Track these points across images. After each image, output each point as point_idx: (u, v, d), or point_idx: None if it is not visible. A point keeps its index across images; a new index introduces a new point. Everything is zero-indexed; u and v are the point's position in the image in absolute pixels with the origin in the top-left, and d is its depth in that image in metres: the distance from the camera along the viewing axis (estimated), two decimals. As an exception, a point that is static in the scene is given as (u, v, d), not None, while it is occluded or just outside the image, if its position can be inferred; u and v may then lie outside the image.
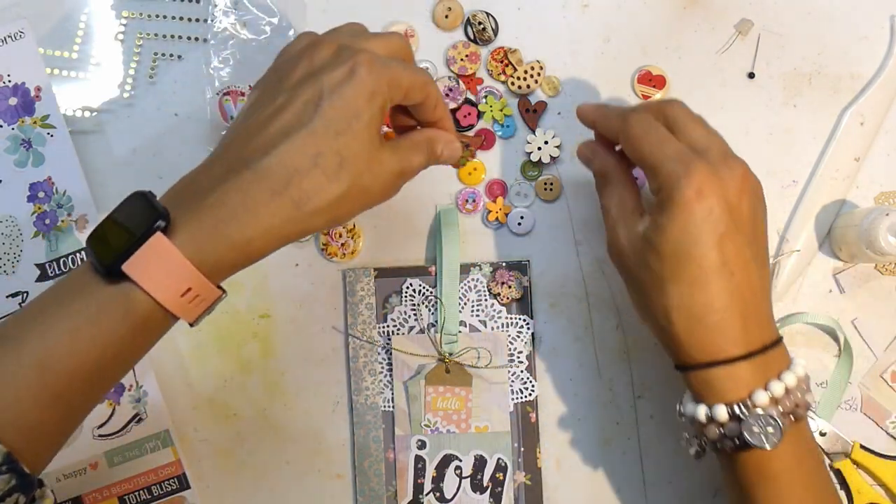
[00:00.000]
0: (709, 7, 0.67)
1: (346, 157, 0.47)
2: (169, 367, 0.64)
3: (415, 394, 0.63)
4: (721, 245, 0.50)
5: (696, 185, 0.49)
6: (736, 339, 0.50)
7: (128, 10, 0.65)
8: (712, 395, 0.51)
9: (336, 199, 0.47)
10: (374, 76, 0.47)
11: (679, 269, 0.50)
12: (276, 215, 0.46)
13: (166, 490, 0.63)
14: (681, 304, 0.50)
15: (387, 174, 0.50)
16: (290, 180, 0.46)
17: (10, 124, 0.63)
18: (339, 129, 0.46)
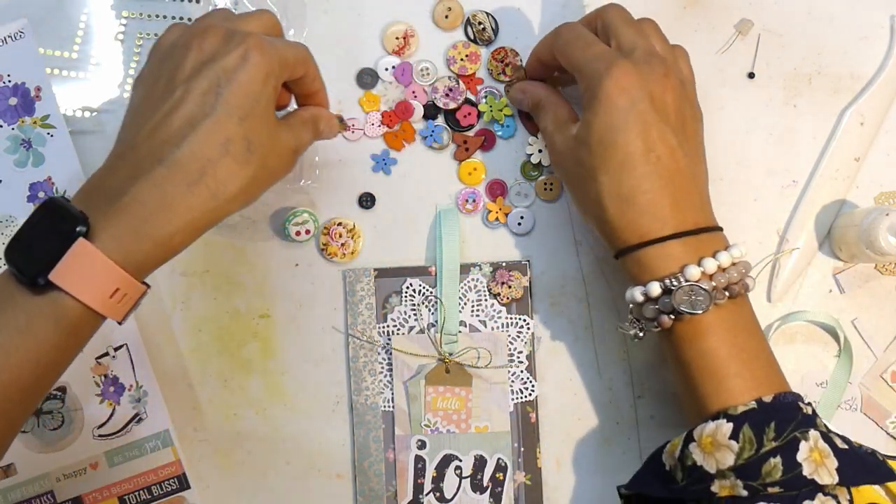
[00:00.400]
0: (709, 7, 0.67)
1: (253, 141, 0.48)
2: (169, 367, 0.64)
3: (415, 394, 0.63)
4: (645, 133, 0.53)
5: (615, 80, 0.53)
6: (665, 219, 0.53)
7: (128, 10, 0.65)
8: (646, 272, 0.53)
9: (248, 182, 0.48)
10: (267, 58, 0.48)
11: (607, 158, 0.53)
12: (194, 207, 0.46)
13: (166, 490, 0.63)
14: (611, 189, 0.53)
15: (286, 152, 0.52)
16: (203, 170, 0.46)
17: (10, 124, 0.63)
18: (242, 115, 0.47)
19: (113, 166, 0.48)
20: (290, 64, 0.51)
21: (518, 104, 0.64)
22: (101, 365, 0.63)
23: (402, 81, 0.66)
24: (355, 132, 0.65)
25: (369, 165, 0.66)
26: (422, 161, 0.66)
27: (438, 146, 0.66)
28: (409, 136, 0.66)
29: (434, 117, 0.66)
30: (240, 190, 0.48)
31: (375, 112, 0.66)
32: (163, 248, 0.46)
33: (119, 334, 0.63)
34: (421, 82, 0.66)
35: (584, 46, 0.56)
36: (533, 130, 0.66)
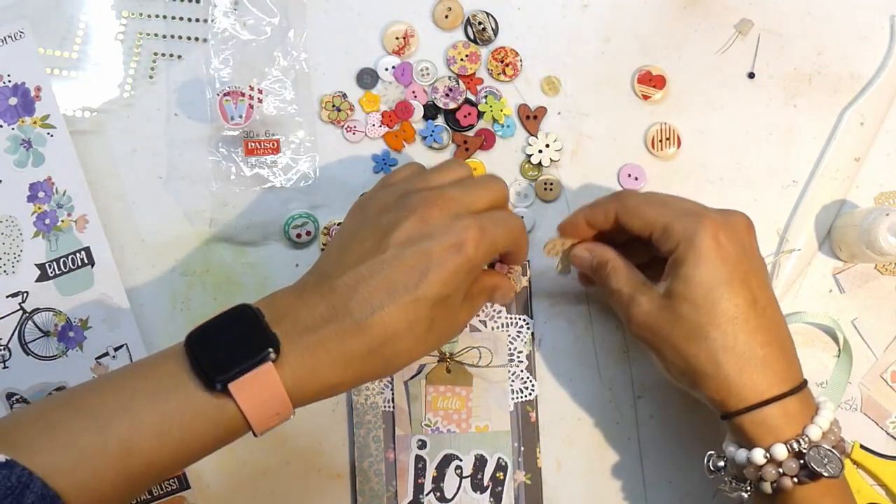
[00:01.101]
0: (709, 7, 0.67)
1: (436, 322, 0.50)
2: (169, 367, 0.64)
3: (415, 393, 0.63)
4: (747, 283, 0.52)
5: (711, 233, 0.52)
6: (782, 374, 0.51)
7: (128, 10, 0.65)
8: (768, 434, 0.51)
9: (419, 356, 0.52)
10: (480, 251, 0.50)
11: (716, 311, 0.51)
12: (366, 369, 0.50)
13: (166, 490, 0.63)
14: (726, 344, 0.51)
15: (460, 326, 0.56)
16: (385, 342, 0.49)
17: (10, 124, 0.63)
18: (437, 300, 0.49)
19: (309, 298, 0.50)
20: (500, 248, 0.53)
21: (581, 264, 0.59)
22: (101, 365, 0.63)
23: (402, 81, 0.66)
24: (356, 133, 0.65)
25: (370, 166, 0.66)
26: (422, 161, 0.66)
27: (438, 146, 0.66)
28: (410, 136, 0.66)
29: (434, 117, 0.66)
30: (410, 360, 0.52)
31: (375, 112, 0.66)
32: (328, 391, 0.50)
33: (119, 334, 0.63)
34: (421, 82, 0.66)
35: (662, 205, 0.54)
36: (534, 131, 0.66)
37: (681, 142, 0.66)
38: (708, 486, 0.64)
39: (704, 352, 0.51)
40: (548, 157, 0.65)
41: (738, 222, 0.54)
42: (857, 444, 0.63)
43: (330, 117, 0.65)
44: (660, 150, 0.66)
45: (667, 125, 0.66)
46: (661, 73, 0.66)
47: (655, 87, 0.66)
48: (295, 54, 0.65)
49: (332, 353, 0.48)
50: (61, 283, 0.63)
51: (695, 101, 0.67)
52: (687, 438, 0.65)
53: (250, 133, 0.64)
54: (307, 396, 0.49)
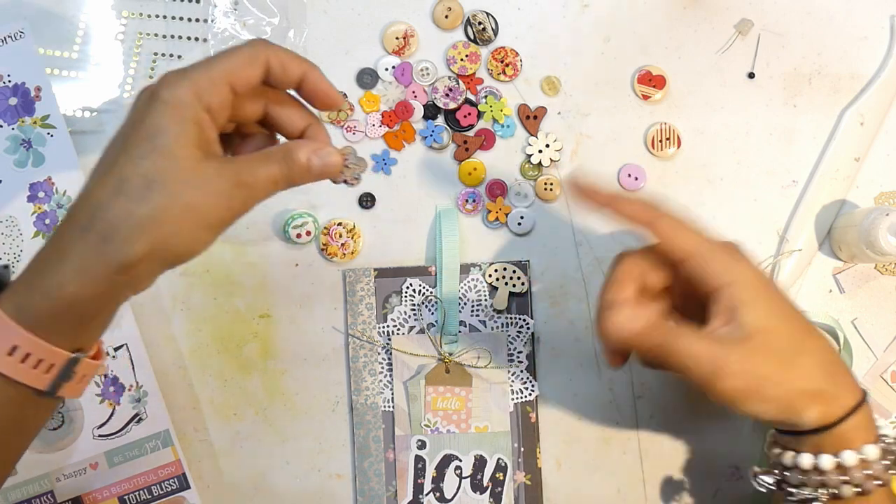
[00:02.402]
0: (709, 7, 0.67)
1: (155, 178, 0.44)
2: (169, 367, 0.64)
3: (415, 394, 0.63)
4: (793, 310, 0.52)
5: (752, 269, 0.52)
6: (854, 386, 0.52)
7: (128, 10, 0.65)
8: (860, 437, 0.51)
9: (147, 220, 0.44)
10: (174, 90, 0.45)
11: (797, 334, 0.51)
12: (85, 254, 0.43)
13: (166, 490, 0.63)
14: (817, 360, 0.51)
15: (217, 185, 0.45)
16: (94, 214, 0.44)
17: (10, 124, 0.63)
18: (143, 153, 0.44)
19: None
20: (219, 81, 0.46)
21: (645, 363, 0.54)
22: (101, 365, 0.63)
23: (402, 81, 0.66)
24: (356, 133, 0.65)
25: (369, 165, 0.66)
26: (422, 161, 0.66)
27: (438, 146, 0.66)
28: (409, 136, 0.66)
29: (434, 117, 0.66)
30: (136, 229, 0.43)
31: (375, 112, 0.66)
32: (58, 301, 0.44)
33: (119, 334, 0.63)
34: (421, 82, 0.66)
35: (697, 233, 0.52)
36: (534, 131, 0.66)
37: (681, 142, 0.66)
38: (708, 486, 0.64)
39: (804, 372, 0.51)
40: (548, 157, 0.65)
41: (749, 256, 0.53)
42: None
43: (330, 117, 0.65)
44: (660, 150, 0.66)
45: (667, 125, 0.66)
46: (661, 73, 0.66)
47: (655, 87, 0.66)
48: (295, 54, 0.65)
49: (45, 256, 0.44)
50: (61, 283, 0.63)
51: (695, 101, 0.67)
52: (687, 438, 0.65)
53: None
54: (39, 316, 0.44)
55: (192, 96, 0.45)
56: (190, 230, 0.45)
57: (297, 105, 0.50)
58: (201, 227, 0.46)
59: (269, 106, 0.50)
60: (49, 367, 0.45)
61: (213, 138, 0.46)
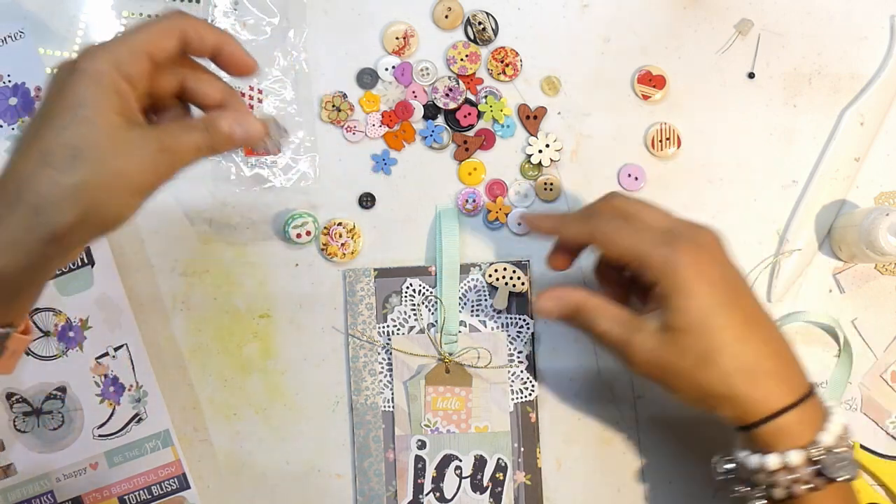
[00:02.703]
0: (709, 7, 0.67)
1: (80, 147, 0.44)
2: (169, 367, 0.64)
3: (415, 394, 0.63)
4: (738, 301, 0.52)
5: (690, 259, 0.51)
6: (792, 382, 0.51)
7: (128, 10, 0.65)
8: (783, 442, 0.50)
9: (76, 188, 0.44)
10: (94, 61, 0.45)
11: (719, 337, 0.51)
12: (15, 227, 0.44)
13: (166, 490, 0.63)
14: (737, 365, 0.51)
15: (143, 151, 0.46)
16: (20, 187, 0.44)
17: (10, 124, 0.63)
18: (66, 123, 0.45)
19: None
20: (138, 51, 0.46)
21: (549, 316, 0.56)
22: (101, 365, 0.63)
23: (402, 81, 0.66)
24: (356, 133, 0.65)
25: (369, 165, 0.66)
26: (422, 161, 0.66)
27: (438, 146, 0.66)
28: (409, 136, 0.66)
29: (434, 117, 0.66)
30: (67, 198, 0.44)
31: (375, 112, 0.66)
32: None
33: (119, 334, 0.63)
34: (421, 82, 0.66)
35: (634, 233, 0.53)
36: (534, 131, 0.66)
37: (681, 142, 0.66)
38: (708, 486, 0.64)
39: (716, 377, 0.51)
40: (548, 157, 0.65)
41: (710, 241, 0.53)
42: (857, 444, 0.63)
43: (330, 117, 0.65)
44: (660, 150, 0.66)
45: (667, 125, 0.66)
46: (661, 73, 0.66)
47: (655, 87, 0.66)
48: (295, 54, 0.65)
49: None
50: (61, 282, 0.63)
51: (695, 101, 0.67)
52: (687, 438, 0.65)
53: None
54: None
55: (111, 66, 0.45)
56: (119, 196, 0.46)
57: (214, 78, 0.51)
58: (129, 192, 0.46)
59: (186, 78, 0.50)
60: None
61: (134, 107, 0.47)
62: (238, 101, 0.51)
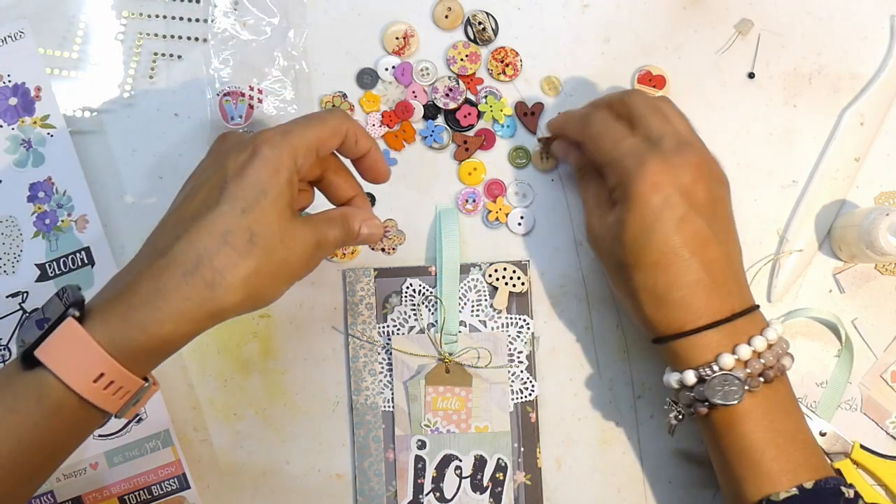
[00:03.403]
0: (709, 7, 0.67)
1: (257, 233, 0.47)
2: (169, 367, 0.64)
3: (415, 394, 0.63)
4: (679, 230, 0.52)
5: (649, 178, 0.52)
6: (700, 311, 0.53)
7: (128, 10, 0.65)
8: (682, 362, 0.54)
9: (250, 273, 0.47)
10: (276, 151, 0.48)
11: (640, 256, 0.53)
12: (188, 297, 0.46)
13: (166, 490, 0.63)
14: (645, 286, 0.53)
15: (303, 246, 0.50)
16: (199, 261, 0.46)
17: (10, 124, 0.63)
18: (245, 206, 0.47)
19: (129, 264, 0.49)
20: (312, 147, 0.50)
21: (560, 158, 0.64)
22: (101, 365, 0.63)
23: (402, 81, 0.66)
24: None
25: (369, 165, 0.66)
26: (422, 161, 0.66)
27: (438, 146, 0.66)
28: (409, 136, 0.66)
29: (434, 117, 0.66)
30: (240, 280, 0.47)
31: (375, 112, 0.66)
32: (153, 337, 0.46)
33: (119, 334, 0.63)
34: (421, 82, 0.66)
35: (615, 140, 0.55)
36: (532, 128, 0.66)
37: (681, 142, 0.66)
38: (708, 486, 0.64)
39: (627, 288, 0.55)
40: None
41: (685, 163, 0.53)
42: (857, 444, 0.63)
43: (330, 117, 0.65)
44: (660, 150, 0.66)
45: (667, 125, 0.66)
46: (661, 73, 0.66)
47: (655, 87, 0.66)
48: (295, 54, 0.65)
49: (143, 294, 0.46)
50: (61, 283, 0.63)
51: (695, 101, 0.67)
52: (687, 438, 0.65)
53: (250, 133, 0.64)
54: (133, 348, 0.46)
55: (291, 159, 0.49)
56: (278, 284, 0.50)
57: (350, 175, 0.56)
58: (286, 281, 0.50)
59: (328, 171, 0.55)
60: (125, 394, 0.47)
61: (296, 197, 0.50)
62: (365, 200, 0.57)
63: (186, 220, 0.48)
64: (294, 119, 0.52)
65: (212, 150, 0.53)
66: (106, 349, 0.45)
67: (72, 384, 0.45)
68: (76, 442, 0.48)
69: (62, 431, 0.46)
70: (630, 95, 0.57)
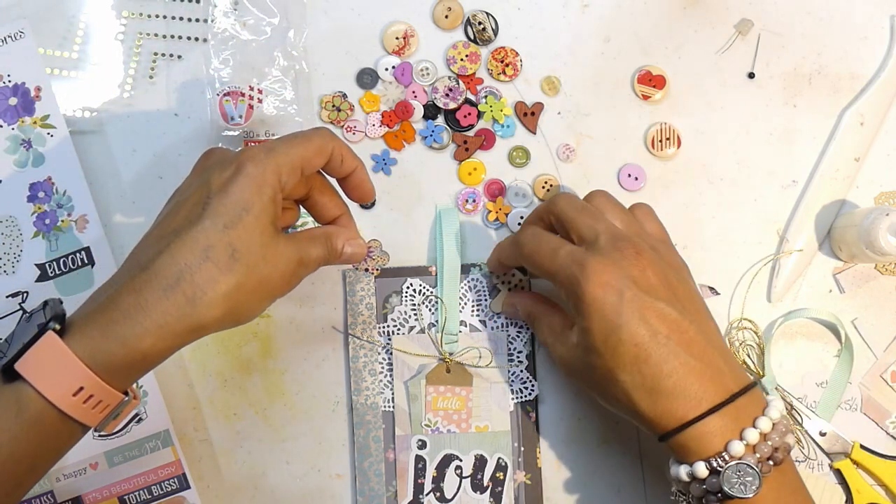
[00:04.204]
0: (709, 7, 0.67)
1: (239, 249, 0.47)
2: (169, 367, 0.64)
3: (415, 393, 0.63)
4: (643, 319, 0.51)
5: (595, 279, 0.51)
6: (698, 396, 0.50)
7: (128, 10, 0.65)
8: (691, 454, 0.51)
9: (231, 289, 0.47)
10: (261, 169, 0.49)
11: (619, 356, 0.51)
12: (169, 312, 0.46)
13: (166, 490, 0.63)
14: (634, 384, 0.51)
15: (285, 263, 0.50)
16: (181, 276, 0.46)
17: (10, 124, 0.63)
18: (228, 222, 0.47)
19: (111, 277, 0.49)
20: (296, 166, 0.50)
21: (513, 315, 0.63)
22: (101, 365, 0.63)
23: (402, 81, 0.66)
24: (356, 133, 0.66)
25: (369, 165, 0.66)
26: (422, 161, 0.66)
27: (438, 146, 0.66)
28: (409, 136, 0.66)
29: (434, 117, 0.66)
30: (221, 296, 0.47)
31: (375, 112, 0.66)
32: (133, 351, 0.46)
33: (119, 334, 0.63)
34: (421, 82, 0.66)
35: (551, 253, 0.54)
36: (532, 128, 0.66)
37: (681, 142, 0.66)
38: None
39: (619, 392, 0.52)
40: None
41: (625, 256, 0.52)
42: (857, 444, 0.63)
43: (330, 117, 0.65)
44: (660, 150, 0.66)
45: (667, 125, 0.66)
46: (661, 73, 0.66)
47: (655, 87, 0.66)
48: (295, 54, 0.65)
49: (124, 307, 0.46)
50: (61, 283, 0.63)
51: (695, 101, 0.67)
52: (687, 438, 0.65)
53: (250, 133, 0.64)
54: (113, 362, 0.46)
55: (275, 177, 0.49)
56: (259, 300, 0.50)
57: (336, 194, 0.57)
58: (266, 297, 0.50)
59: (314, 190, 0.55)
60: (105, 407, 0.47)
61: (280, 215, 0.51)
62: (350, 219, 0.57)
63: (169, 235, 0.48)
64: (280, 137, 0.52)
65: (196, 166, 0.53)
66: (86, 363, 0.45)
67: (51, 398, 0.45)
68: (56, 455, 0.48)
69: (42, 445, 0.46)
70: (555, 203, 0.56)
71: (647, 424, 0.52)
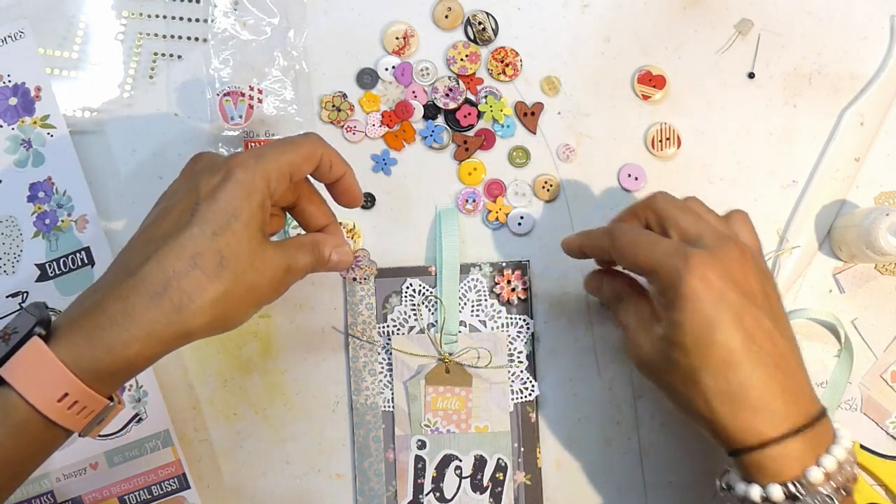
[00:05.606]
0: (709, 7, 0.67)
1: (227, 256, 0.47)
2: (169, 367, 0.64)
3: (415, 394, 0.63)
4: (741, 323, 0.49)
5: (698, 273, 0.49)
6: (781, 415, 0.48)
7: (128, 10, 0.65)
8: (766, 475, 0.49)
9: (218, 296, 0.47)
10: (250, 175, 0.48)
11: (707, 357, 0.49)
12: (156, 319, 0.46)
13: (166, 490, 0.63)
14: (718, 390, 0.49)
15: (273, 270, 0.50)
16: (168, 283, 0.46)
17: (10, 124, 0.63)
18: (216, 229, 0.47)
19: (97, 282, 0.49)
20: (285, 172, 0.50)
21: (594, 293, 0.61)
22: (101, 365, 0.63)
23: (402, 81, 0.66)
24: (356, 133, 0.66)
25: (369, 165, 0.66)
26: (422, 161, 0.66)
27: (438, 146, 0.66)
28: (409, 136, 0.66)
29: (434, 117, 0.66)
30: (208, 303, 0.47)
31: (375, 112, 0.66)
32: (119, 358, 0.46)
33: (119, 334, 0.63)
34: (421, 82, 0.66)
35: (650, 245, 0.52)
36: (532, 128, 0.66)
37: (681, 142, 0.66)
38: (708, 486, 0.64)
39: (699, 396, 0.50)
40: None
41: (729, 256, 0.50)
42: (857, 444, 0.63)
43: (330, 117, 0.65)
44: (660, 150, 0.66)
45: (667, 125, 0.66)
46: (661, 73, 0.66)
47: (655, 87, 0.66)
48: (295, 54, 0.65)
49: (110, 314, 0.46)
50: (61, 283, 0.63)
51: (695, 101, 0.67)
52: (687, 438, 0.65)
53: (250, 133, 0.64)
54: (98, 369, 0.46)
55: (264, 183, 0.49)
56: (246, 307, 0.50)
57: (324, 203, 0.56)
58: (254, 304, 0.50)
59: (302, 198, 0.55)
60: (89, 413, 0.47)
61: (268, 222, 0.51)
62: (337, 227, 0.57)
63: (156, 241, 0.47)
64: (268, 143, 0.52)
65: (185, 171, 0.53)
66: (71, 369, 0.45)
67: (36, 403, 0.45)
68: (40, 460, 0.48)
69: (26, 449, 0.46)
70: (655, 200, 0.55)
71: (722, 436, 0.50)
